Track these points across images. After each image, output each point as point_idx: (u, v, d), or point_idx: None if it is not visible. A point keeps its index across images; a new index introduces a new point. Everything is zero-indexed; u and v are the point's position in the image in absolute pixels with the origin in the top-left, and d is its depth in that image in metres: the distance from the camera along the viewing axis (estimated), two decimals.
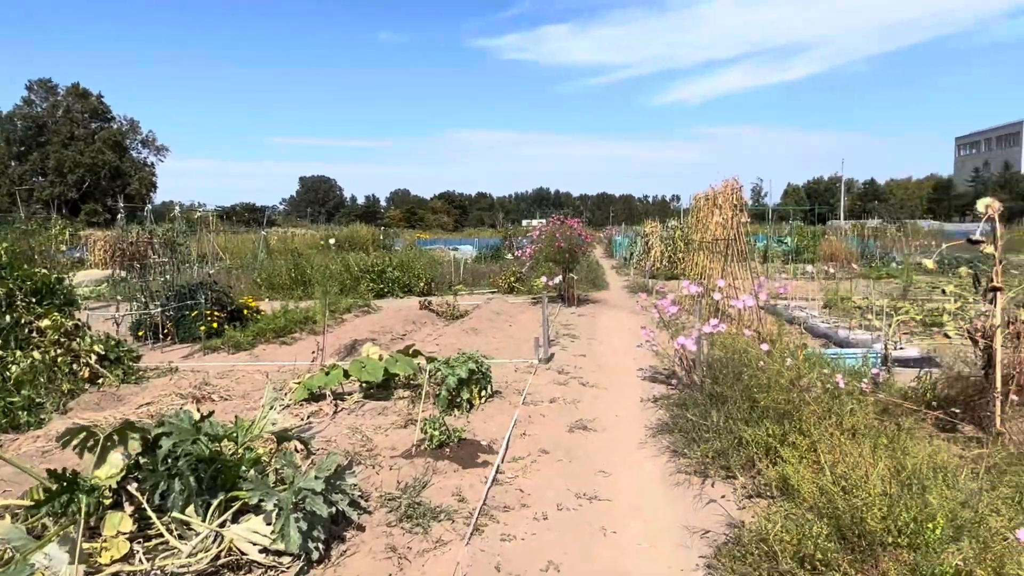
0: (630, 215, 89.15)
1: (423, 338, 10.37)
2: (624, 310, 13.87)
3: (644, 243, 24.63)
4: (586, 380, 7.57)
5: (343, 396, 6.62)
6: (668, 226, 24.43)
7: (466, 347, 9.33)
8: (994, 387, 4.88)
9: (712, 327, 6.34)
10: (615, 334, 10.97)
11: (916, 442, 4.66)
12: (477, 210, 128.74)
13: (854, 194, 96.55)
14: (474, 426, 5.72)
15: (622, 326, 11.77)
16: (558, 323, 11.83)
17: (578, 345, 9.87)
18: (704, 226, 12.06)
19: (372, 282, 17.30)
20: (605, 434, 5.73)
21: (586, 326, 11.72)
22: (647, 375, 7.80)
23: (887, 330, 7.67)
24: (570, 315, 13.01)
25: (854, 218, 65.11)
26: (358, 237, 35.29)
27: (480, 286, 18.41)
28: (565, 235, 13.50)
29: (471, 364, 6.14)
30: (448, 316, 12.86)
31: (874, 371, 6.14)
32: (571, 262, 13.81)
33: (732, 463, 4.78)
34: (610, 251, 37.98)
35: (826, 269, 20.92)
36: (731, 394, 5.58)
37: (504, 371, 7.88)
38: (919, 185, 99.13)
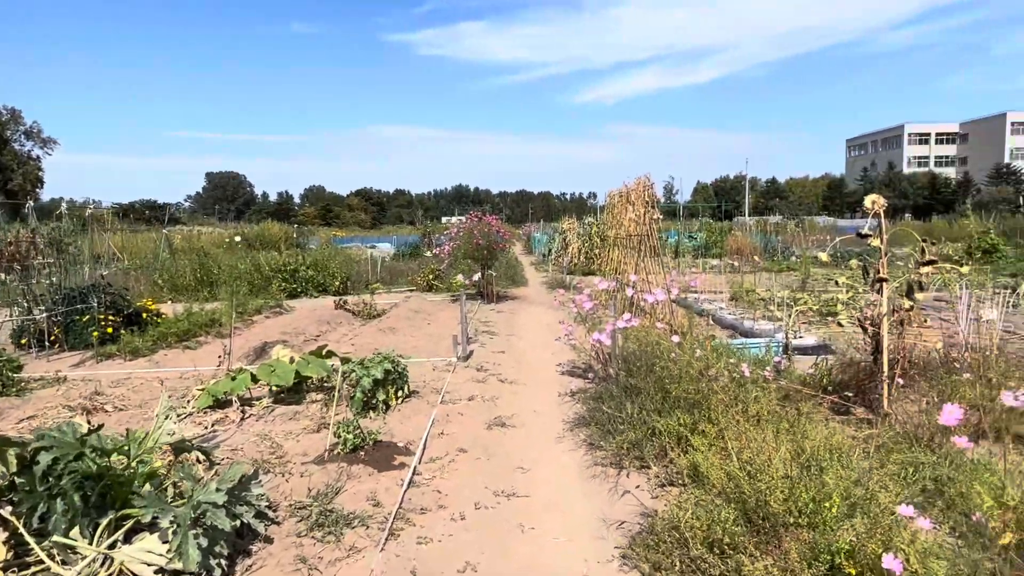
0: (549, 212, 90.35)
1: (338, 338, 10.07)
2: (543, 306, 14.01)
3: (562, 240, 24.99)
4: (505, 377, 7.57)
5: (251, 402, 6.31)
6: (585, 223, 24.89)
7: (383, 347, 9.13)
8: (882, 371, 5.23)
9: (625, 321, 6.47)
10: (534, 330, 11.05)
11: (814, 425, 4.92)
12: (396, 207, 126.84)
13: (758, 192, 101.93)
14: (391, 427, 5.59)
15: (541, 322, 11.87)
16: (477, 320, 11.80)
17: (497, 342, 9.87)
18: (618, 222, 12.34)
19: (284, 282, 16.67)
20: (523, 430, 5.74)
21: (505, 323, 11.74)
22: (565, 369, 7.89)
23: (787, 320, 8.09)
24: (489, 312, 13.00)
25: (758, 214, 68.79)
26: (269, 235, 33.97)
27: (398, 284, 18.11)
28: (483, 232, 13.47)
29: (387, 364, 5.99)
30: (365, 315, 12.56)
31: (776, 359, 6.46)
32: (490, 259, 13.80)
33: (646, 453, 4.89)
34: (529, 248, 38.34)
35: (732, 263, 21.95)
36: (645, 386, 5.72)
37: (422, 370, 7.76)
38: (815, 183, 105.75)
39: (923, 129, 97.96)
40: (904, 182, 76.60)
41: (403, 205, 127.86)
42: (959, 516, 3.64)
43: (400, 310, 12.57)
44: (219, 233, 35.69)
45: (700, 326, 9.85)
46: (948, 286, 7.45)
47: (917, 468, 4.27)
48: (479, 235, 13.35)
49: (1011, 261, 19.77)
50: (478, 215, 13.85)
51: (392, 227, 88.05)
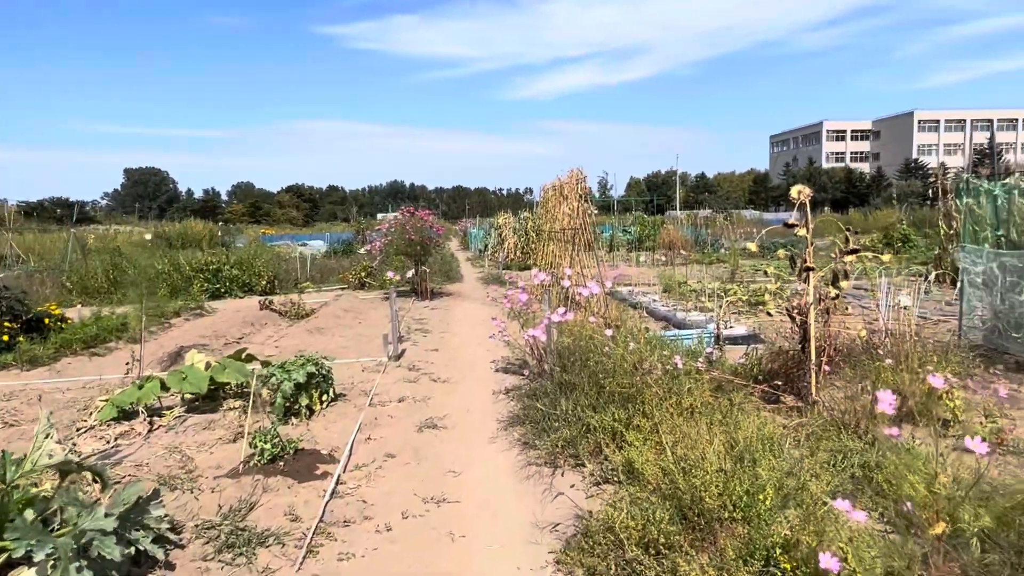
0: (485, 207, 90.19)
1: (263, 341, 9.57)
2: (478, 301, 13.81)
3: (498, 235, 24.85)
4: (437, 375, 7.33)
5: (161, 412, 5.84)
6: (520, 217, 24.82)
7: (310, 348, 8.73)
8: (809, 360, 5.28)
9: (560, 316, 6.34)
10: (468, 325, 10.83)
11: (746, 416, 4.91)
12: (329, 204, 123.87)
13: (688, 186, 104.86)
14: (314, 434, 5.27)
15: (475, 317, 11.66)
16: (410, 318, 11.48)
17: (430, 339, 9.60)
18: (553, 216, 12.26)
19: (207, 282, 15.83)
20: (456, 431, 5.53)
21: (439, 319, 11.48)
22: (500, 366, 7.72)
23: (718, 311, 8.17)
24: (423, 309, 12.70)
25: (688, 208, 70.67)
26: (193, 234, 32.43)
27: (329, 282, 17.52)
28: (416, 227, 13.14)
29: (310, 367, 5.66)
30: (292, 316, 12.03)
31: (708, 350, 6.48)
32: (423, 255, 13.49)
33: (581, 451, 4.77)
34: (465, 243, 38.05)
35: (664, 256, 22.36)
36: (579, 381, 5.60)
37: (350, 371, 7.43)
38: (742, 178, 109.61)
39: (840, 126, 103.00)
40: (823, 176, 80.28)
41: (337, 202, 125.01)
42: (890, 504, 3.67)
43: (330, 309, 12.11)
44: (139, 232, 33.84)
45: (634, 318, 9.88)
46: (868, 275, 7.67)
47: (846, 455, 4.31)
48: (412, 231, 13.01)
49: (922, 250, 20.87)
50: (410, 210, 13.51)
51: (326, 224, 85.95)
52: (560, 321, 6.35)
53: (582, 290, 7.21)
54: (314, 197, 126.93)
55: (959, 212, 13.79)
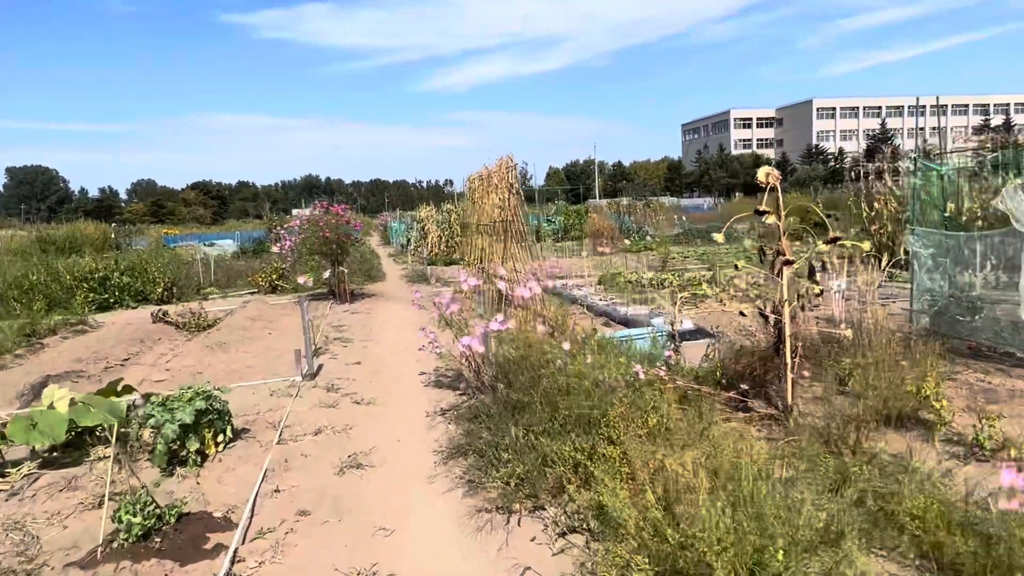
0: (406, 200, 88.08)
1: (153, 361, 8.26)
2: (403, 302, 12.80)
3: (420, 229, 23.76)
4: (361, 396, 6.36)
5: (5, 469, 4.62)
6: (444, 210, 23.81)
7: (209, 370, 7.53)
8: (784, 363, 4.71)
9: (500, 323, 5.53)
10: (394, 331, 9.85)
11: (723, 433, 4.27)
12: (239, 200, 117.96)
13: (605, 175, 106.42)
14: (206, 489, 4.24)
15: (402, 321, 10.68)
16: (328, 325, 10.36)
17: (352, 350, 8.57)
18: (480, 208, 11.41)
19: (92, 292, 14.03)
20: (385, 469, 4.62)
21: (361, 325, 10.42)
22: (432, 380, 6.83)
23: (674, 310, 7.56)
24: (343, 314, 11.58)
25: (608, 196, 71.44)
26: (83, 237, 29.50)
27: (237, 287, 15.98)
28: (332, 224, 11.96)
29: (200, 402, 4.59)
30: (191, 328, 10.64)
31: (666, 353, 5.84)
32: (341, 254, 12.33)
33: (539, 489, 3.98)
34: (387, 238, 36.62)
35: (592, 246, 21.96)
36: (529, 400, 4.82)
37: (257, 397, 6.34)
38: (657, 166, 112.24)
39: (746, 114, 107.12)
40: (735, 163, 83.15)
41: (248, 198, 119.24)
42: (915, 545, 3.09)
43: (236, 318, 10.80)
44: (22, 236, 30.53)
45: (574, 316, 9.22)
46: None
47: (846, 479, 3.73)
48: (327, 228, 11.83)
49: None
50: (324, 205, 12.31)
51: (236, 222, 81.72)
52: (500, 329, 5.54)
53: (520, 291, 6.42)
54: (223, 194, 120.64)
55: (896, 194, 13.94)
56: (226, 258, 24.70)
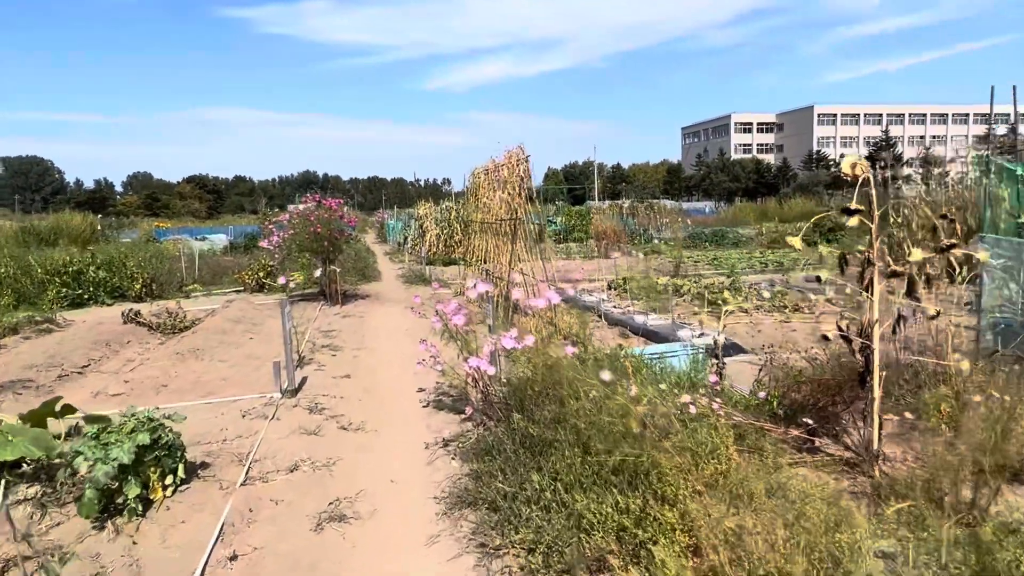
0: (403, 198, 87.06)
1: (116, 369, 7.31)
2: (400, 304, 11.87)
3: (419, 226, 22.82)
4: (348, 419, 5.43)
5: None
6: (443, 207, 22.87)
7: (177, 379, 6.60)
8: (872, 397, 3.81)
9: (514, 340, 4.62)
10: (389, 338, 8.92)
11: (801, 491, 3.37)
12: (235, 195, 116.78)
13: (604, 177, 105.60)
14: (144, 550, 3.31)
15: (398, 326, 9.76)
16: (316, 330, 9.43)
17: (341, 360, 7.64)
18: (486, 205, 10.51)
19: (66, 286, 13.06)
20: (375, 523, 3.70)
21: (353, 330, 9.48)
22: (432, 399, 5.92)
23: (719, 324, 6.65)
24: (333, 317, 10.64)
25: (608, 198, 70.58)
26: (68, 228, 28.47)
27: (223, 284, 15.02)
28: (324, 219, 11.02)
29: (142, 436, 3.66)
30: (167, 329, 9.70)
31: (711, 379, 4.94)
32: (333, 251, 11.39)
33: (574, 564, 3.08)
34: (383, 236, 35.67)
35: (599, 248, 21.04)
36: (554, 438, 3.91)
37: (225, 418, 5.41)
38: (656, 169, 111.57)
39: (747, 119, 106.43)
40: (737, 167, 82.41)
41: (244, 193, 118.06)
42: None
43: (216, 320, 9.85)
44: (9, 225, 29.53)
45: (590, 327, 8.32)
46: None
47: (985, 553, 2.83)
48: (318, 223, 10.89)
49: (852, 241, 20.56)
50: (316, 198, 11.37)
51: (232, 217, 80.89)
52: (516, 347, 4.63)
53: (536, 302, 5.51)
54: (219, 188, 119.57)
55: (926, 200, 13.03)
56: (215, 253, 23.75)
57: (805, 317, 9.56)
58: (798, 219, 36.22)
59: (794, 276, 14.28)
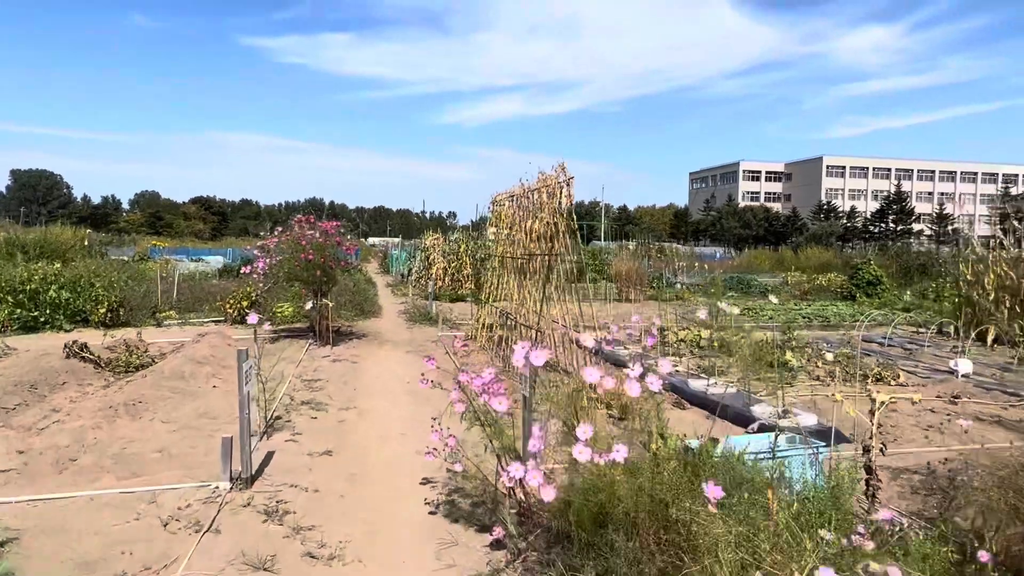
0: (407, 229, 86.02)
1: (29, 424, 5.56)
2: (401, 347, 10.16)
3: (424, 258, 21.21)
4: (322, 536, 3.69)
5: None
6: (452, 239, 21.30)
7: (95, 448, 4.86)
8: None
9: (585, 445, 2.92)
10: (388, 393, 7.19)
11: None
12: (240, 218, 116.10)
13: (611, 218, 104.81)
14: None
15: (399, 376, 8.04)
16: (299, 378, 7.71)
17: (323, 426, 5.91)
18: (511, 238, 8.90)
19: (19, 307, 11.40)
20: None
21: (343, 381, 7.76)
22: (443, 499, 4.19)
23: (870, 418, 4.92)
24: (322, 361, 8.91)
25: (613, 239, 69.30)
26: (56, 241, 26.85)
27: (203, 312, 13.33)
28: (317, 244, 9.40)
29: None
30: (119, 367, 7.99)
31: (883, 514, 3.21)
32: (326, 282, 9.73)
33: None
34: (386, 266, 34.07)
35: (619, 292, 19.39)
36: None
37: (138, 525, 3.66)
38: (662, 212, 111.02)
39: (755, 167, 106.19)
40: (748, 213, 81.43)
41: (249, 216, 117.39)
42: None
43: (177, 360, 8.11)
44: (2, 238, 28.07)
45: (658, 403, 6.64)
46: None
47: None
48: (311, 248, 9.27)
49: (893, 294, 18.87)
50: (310, 219, 9.76)
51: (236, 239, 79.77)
52: (592, 460, 2.93)
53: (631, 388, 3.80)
54: (224, 210, 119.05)
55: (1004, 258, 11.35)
56: (207, 276, 22.15)
57: (893, 390, 7.85)
58: (816, 269, 34.66)
59: (850, 333, 12.60)
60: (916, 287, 20.05)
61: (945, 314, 14.53)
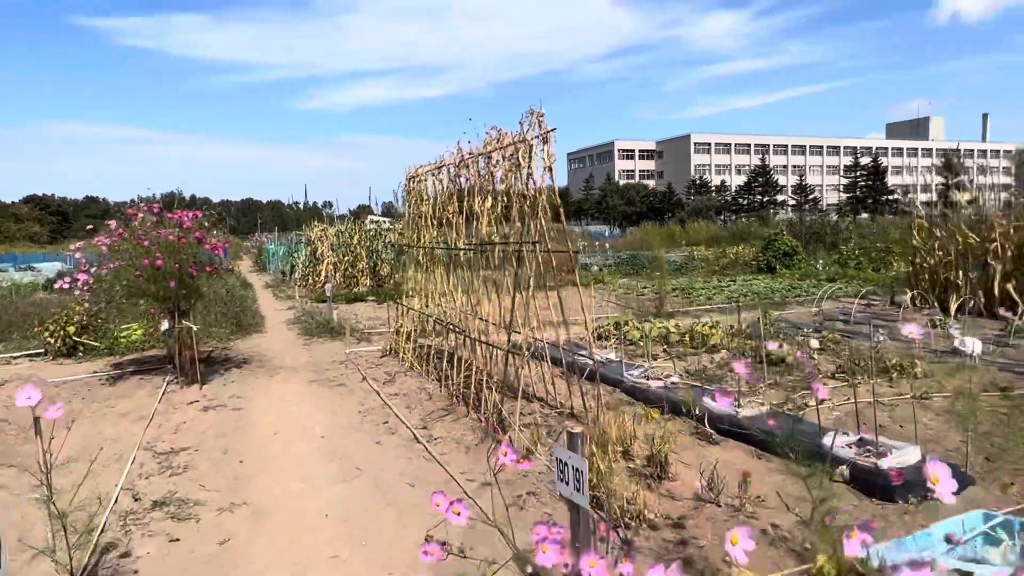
0: (282, 222, 79.83)
1: None
2: (301, 376, 7.63)
3: (311, 253, 18.27)
4: None
5: None
6: (342, 229, 18.47)
7: None
8: None
9: None
10: (297, 469, 4.78)
11: None
12: (86, 217, 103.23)
13: None
14: None
15: (308, 429, 5.61)
16: (148, 449, 5.09)
17: (190, 559, 3.47)
18: (448, 220, 6.67)
19: None
20: None
21: (223, 449, 5.21)
22: None
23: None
24: (188, 411, 6.25)
25: None
26: None
27: (11, 340, 9.93)
28: (168, 245, 6.66)
29: None
30: None
31: None
32: (187, 296, 7.01)
33: None
34: (261, 263, 30.27)
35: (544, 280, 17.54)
36: None
37: None
38: None
39: (629, 146, 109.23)
40: (631, 191, 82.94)
41: (96, 215, 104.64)
42: None
43: None
44: None
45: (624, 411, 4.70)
46: None
47: None
48: (159, 249, 6.52)
49: (813, 267, 18.44)
50: (156, 208, 6.86)
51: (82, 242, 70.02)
52: None
53: None
54: (65, 210, 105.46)
55: None
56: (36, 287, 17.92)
57: (920, 385, 6.45)
58: (708, 242, 34.96)
59: (799, 312, 11.51)
60: (825, 256, 19.91)
61: (885, 283, 14.03)
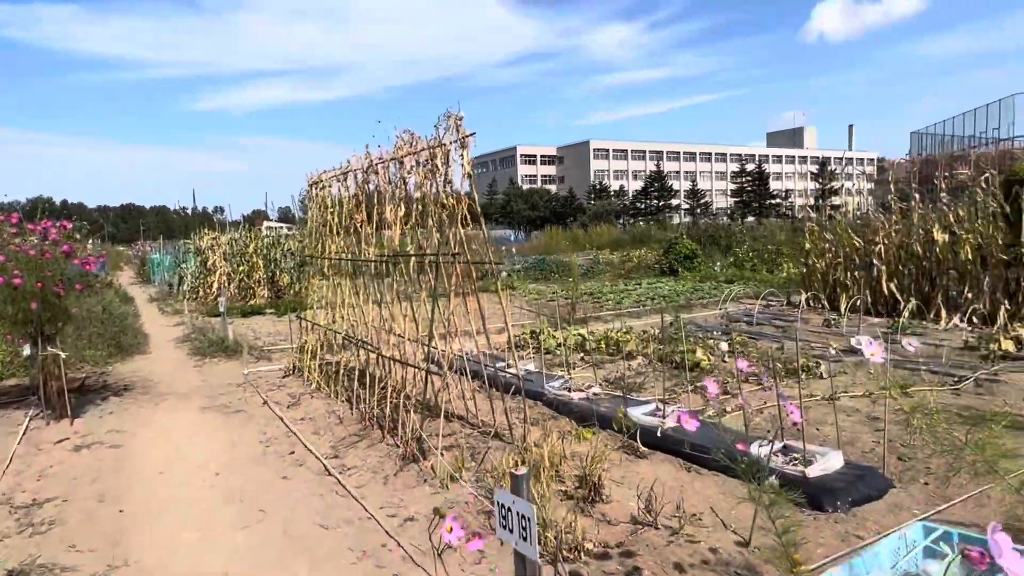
0: (168, 229, 74.59)
1: None
2: (193, 403, 6.89)
3: (201, 263, 16.96)
4: None
5: None
6: (237, 238, 17.27)
7: None
8: None
9: None
10: (190, 515, 4.20)
11: None
12: None
13: None
14: None
15: (202, 466, 4.99)
16: (5, 503, 4.34)
17: None
18: (353, 227, 6.22)
19: None
20: None
21: (98, 497, 4.51)
22: None
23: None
24: (55, 452, 5.42)
25: None
26: None
27: None
28: (28, 261, 5.78)
29: None
30: None
31: None
32: (52, 319, 6.11)
33: None
34: (145, 275, 27.99)
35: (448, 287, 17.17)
36: None
37: None
38: None
39: (531, 151, 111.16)
40: (535, 196, 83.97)
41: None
42: None
43: None
44: None
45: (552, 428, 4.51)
46: None
47: None
48: (16, 267, 5.63)
49: (711, 269, 19.21)
50: (11, 218, 5.91)
51: None
52: None
53: None
54: None
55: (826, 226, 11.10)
56: None
57: (822, 386, 6.68)
58: (611, 246, 35.96)
59: (705, 315, 11.86)
60: (722, 259, 20.83)
61: (780, 284, 14.77)
